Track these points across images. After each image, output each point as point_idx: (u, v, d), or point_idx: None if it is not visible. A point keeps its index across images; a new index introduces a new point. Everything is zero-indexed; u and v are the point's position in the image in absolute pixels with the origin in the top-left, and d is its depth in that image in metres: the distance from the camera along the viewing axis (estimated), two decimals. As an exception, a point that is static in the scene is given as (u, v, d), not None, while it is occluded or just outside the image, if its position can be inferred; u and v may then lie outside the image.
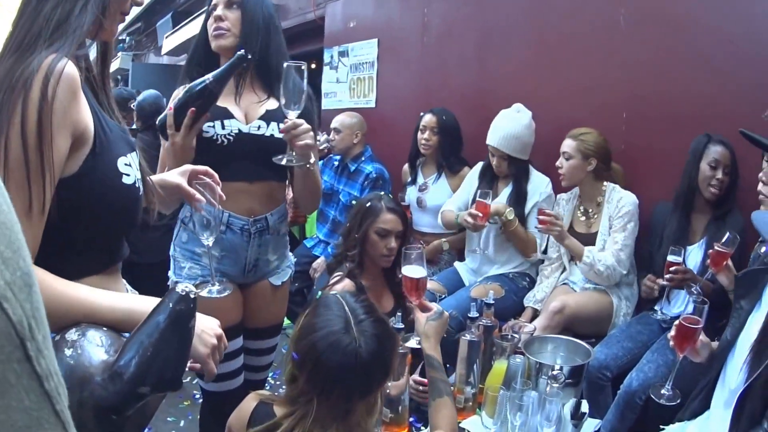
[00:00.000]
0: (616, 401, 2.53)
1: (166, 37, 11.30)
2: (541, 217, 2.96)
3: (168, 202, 1.82)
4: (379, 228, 2.57)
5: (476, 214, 3.05)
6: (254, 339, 2.44)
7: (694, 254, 2.65)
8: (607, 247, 2.98)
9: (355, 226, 2.63)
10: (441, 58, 4.59)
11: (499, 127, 3.34)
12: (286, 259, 2.48)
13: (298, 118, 1.99)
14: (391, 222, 2.59)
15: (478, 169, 3.61)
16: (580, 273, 3.07)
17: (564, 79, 3.60)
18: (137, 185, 1.34)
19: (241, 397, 1.64)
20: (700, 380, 2.04)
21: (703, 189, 2.67)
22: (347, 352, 1.42)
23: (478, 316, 2.41)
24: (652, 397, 2.16)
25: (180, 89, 2.15)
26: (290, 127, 1.98)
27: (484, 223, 3.10)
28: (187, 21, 9.69)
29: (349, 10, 5.68)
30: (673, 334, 1.98)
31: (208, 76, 1.96)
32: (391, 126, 4.94)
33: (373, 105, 5.28)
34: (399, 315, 2.23)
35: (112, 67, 1.47)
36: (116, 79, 14.01)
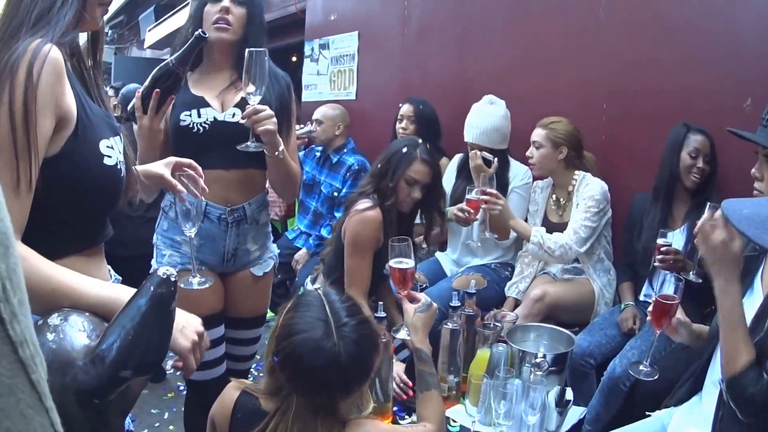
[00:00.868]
0: (600, 388, 2.55)
1: (149, 31, 11.22)
2: (484, 197, 2.93)
3: (150, 189, 1.91)
4: (410, 177, 2.57)
5: (467, 210, 3.04)
6: (237, 329, 2.43)
7: (677, 240, 2.66)
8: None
9: (389, 172, 2.60)
10: (421, 51, 4.58)
11: (474, 124, 3.33)
12: (268, 249, 2.47)
13: (261, 104, 2.02)
14: (422, 173, 2.59)
15: (455, 164, 3.61)
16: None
17: (544, 72, 3.60)
18: (119, 167, 1.35)
19: (224, 386, 1.62)
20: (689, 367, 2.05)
21: (684, 178, 2.68)
22: (327, 356, 1.40)
23: (460, 305, 2.42)
24: (631, 374, 2.17)
25: None
26: (251, 112, 2.00)
27: (475, 218, 3.09)
28: (170, 14, 9.58)
29: (329, 3, 5.67)
30: (650, 310, 1.99)
31: (171, 58, 1.96)
32: (371, 118, 4.94)
33: (353, 97, 5.27)
34: (381, 304, 2.22)
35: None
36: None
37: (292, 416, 1.44)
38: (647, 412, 2.10)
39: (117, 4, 12.75)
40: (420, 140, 2.70)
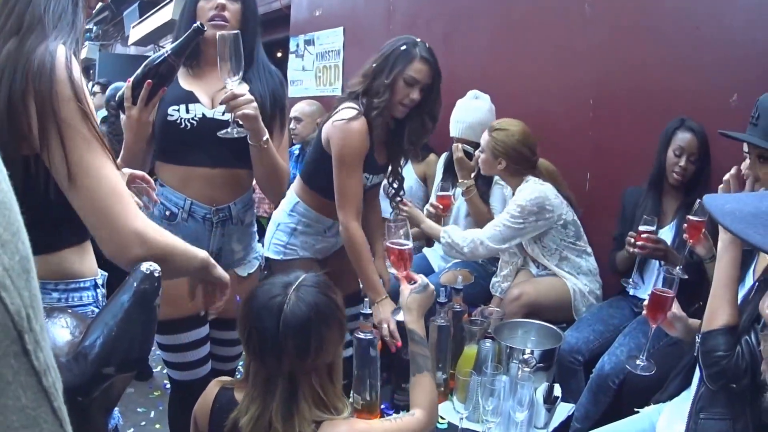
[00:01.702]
0: (589, 385, 2.53)
1: (133, 27, 11.14)
2: (403, 207, 2.84)
3: None
4: (409, 76, 2.43)
5: (437, 206, 3.03)
6: (222, 329, 2.38)
7: (665, 236, 2.66)
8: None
9: (386, 70, 2.44)
10: (407, 47, 4.55)
11: (460, 118, 3.32)
12: (253, 250, 2.44)
13: (257, 102, 2.00)
14: (422, 72, 2.45)
15: (442, 161, 3.61)
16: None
17: (530, 66, 3.59)
18: None
19: (208, 386, 1.62)
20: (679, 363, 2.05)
21: (668, 174, 2.69)
22: (273, 307, 1.39)
23: (447, 301, 2.40)
24: (628, 368, 2.16)
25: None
26: (229, 97, 1.96)
27: (446, 215, 3.07)
28: (154, 11, 9.51)
29: (314, -1, 5.65)
30: (646, 304, 1.98)
31: (167, 49, 1.92)
32: (357, 114, 4.90)
33: (339, 93, 5.23)
34: (366, 301, 2.18)
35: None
36: (85, 69, 13.73)
37: (256, 392, 1.43)
38: (636, 409, 2.10)
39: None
40: (418, 39, 2.54)
